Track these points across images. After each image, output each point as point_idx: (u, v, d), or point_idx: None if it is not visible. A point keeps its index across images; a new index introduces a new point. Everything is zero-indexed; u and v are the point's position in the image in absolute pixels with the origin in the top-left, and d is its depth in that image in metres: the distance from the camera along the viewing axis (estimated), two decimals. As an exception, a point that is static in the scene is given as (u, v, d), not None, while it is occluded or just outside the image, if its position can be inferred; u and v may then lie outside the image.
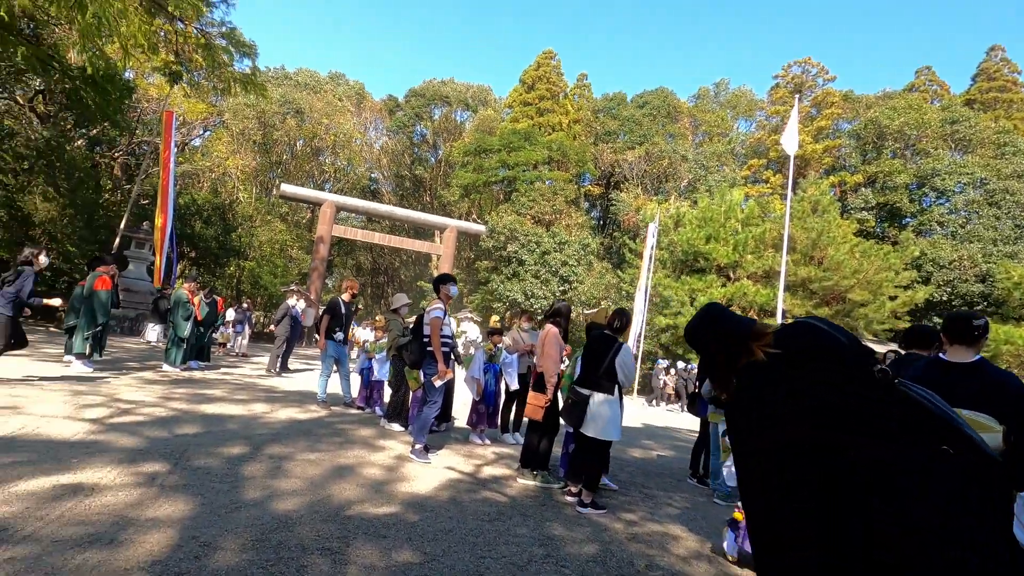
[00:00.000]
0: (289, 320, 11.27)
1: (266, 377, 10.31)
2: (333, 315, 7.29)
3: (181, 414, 5.71)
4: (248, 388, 8.42)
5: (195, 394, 7.09)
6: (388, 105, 40.22)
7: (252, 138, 29.55)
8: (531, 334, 6.93)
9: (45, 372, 7.29)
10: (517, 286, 26.19)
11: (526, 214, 28.54)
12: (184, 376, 8.86)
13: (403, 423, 6.49)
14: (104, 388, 6.61)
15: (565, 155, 30.69)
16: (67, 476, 3.34)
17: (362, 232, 29.57)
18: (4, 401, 5.15)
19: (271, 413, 6.47)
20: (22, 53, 12.77)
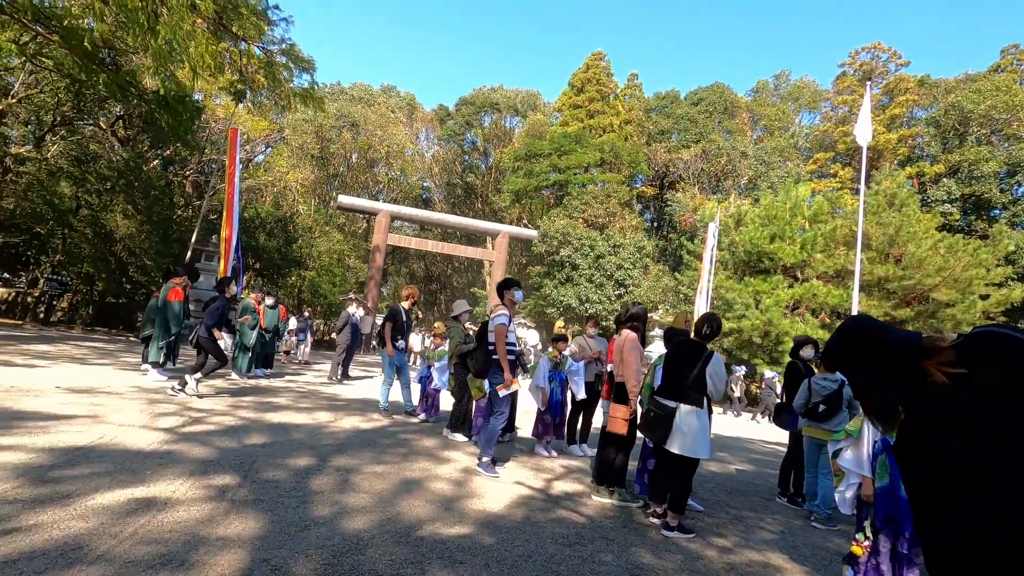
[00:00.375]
0: (350, 328, 11.37)
1: (328, 385, 10.41)
2: (395, 323, 7.20)
3: (249, 423, 5.72)
4: (311, 396, 8.48)
5: (261, 402, 7.16)
6: (439, 114, 40.80)
7: (310, 152, 30.59)
8: (598, 340, 6.60)
9: (125, 380, 7.56)
10: (571, 291, 25.78)
11: (578, 217, 28.11)
12: (251, 384, 9.04)
13: (467, 433, 6.29)
14: (178, 397, 6.76)
15: (617, 156, 30.07)
16: (141, 489, 3.29)
17: (416, 240, 29.99)
18: (86, 410, 5.30)
19: (335, 422, 6.42)
20: (103, 80, 13.63)
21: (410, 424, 6.91)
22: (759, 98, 40.18)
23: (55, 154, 20.72)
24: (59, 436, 4.23)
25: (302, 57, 13.59)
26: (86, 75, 15.33)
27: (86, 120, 21.34)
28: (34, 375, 7.04)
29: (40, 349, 10.28)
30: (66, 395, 5.93)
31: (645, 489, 4.63)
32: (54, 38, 13.63)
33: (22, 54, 16.05)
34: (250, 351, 9.55)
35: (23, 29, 16.07)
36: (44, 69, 17.27)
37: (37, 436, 4.16)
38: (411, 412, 7.50)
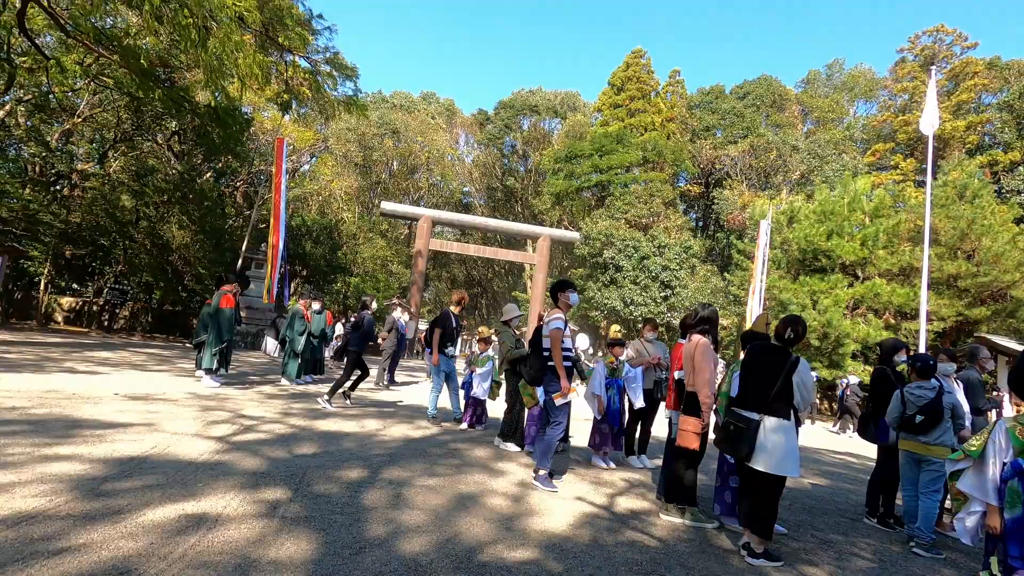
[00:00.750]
0: (396, 333, 11.31)
1: (375, 390, 10.35)
2: (444, 329, 7.00)
3: (299, 431, 5.62)
4: (359, 403, 8.39)
5: (311, 410, 7.09)
6: (478, 119, 40.92)
7: (354, 160, 31.15)
8: (656, 345, 6.21)
9: (180, 387, 7.65)
10: (615, 293, 25.21)
11: (621, 218, 27.51)
12: (300, 390, 9.05)
13: (519, 443, 6.01)
14: (229, 403, 6.76)
15: (660, 155, 29.31)
16: (191, 504, 3.16)
17: (457, 245, 30.04)
18: (142, 418, 5.30)
19: (384, 430, 6.26)
20: (159, 95, 14.16)
21: (459, 432, 6.69)
22: (810, 89, 38.46)
23: (116, 169, 21.75)
24: (115, 445, 4.19)
25: (345, 65, 13.73)
26: (143, 92, 15.97)
27: (144, 136, 22.31)
28: (95, 382, 7.20)
29: (102, 356, 10.63)
30: (123, 402, 5.99)
31: (726, 509, 4.23)
32: (114, 58, 14.21)
33: (86, 74, 16.87)
34: (299, 357, 9.57)
35: (87, 51, 16.91)
36: (105, 88, 18.11)
37: (94, 445, 4.13)
38: (459, 420, 7.29)
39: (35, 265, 19.89)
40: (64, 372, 7.82)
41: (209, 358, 8.32)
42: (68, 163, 20.81)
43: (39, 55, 14.81)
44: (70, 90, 18.35)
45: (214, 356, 8.34)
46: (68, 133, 21.88)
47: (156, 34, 12.56)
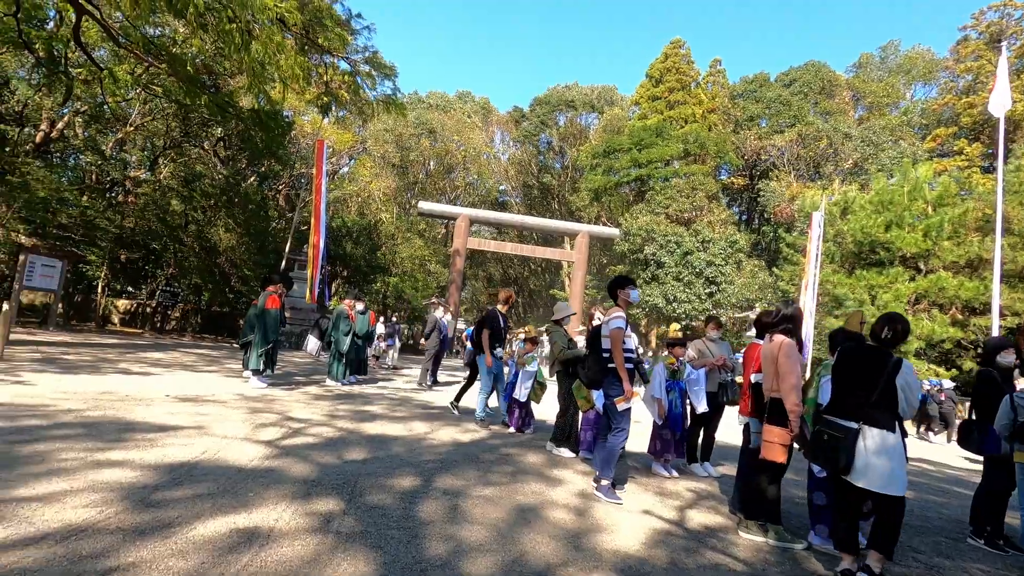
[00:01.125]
0: (438, 333, 11.16)
1: (419, 391, 10.22)
2: (492, 328, 6.76)
3: (347, 435, 5.47)
4: (405, 403, 8.25)
5: (358, 411, 6.97)
6: (514, 116, 40.67)
7: (391, 161, 31.38)
8: (720, 344, 5.81)
9: (229, 388, 7.66)
10: (657, 290, 24.54)
11: (662, 213, 26.77)
12: (345, 390, 8.98)
13: (573, 448, 5.71)
14: (277, 405, 6.70)
15: (703, 147, 28.39)
16: (243, 517, 2.99)
17: (495, 243, 29.88)
18: (192, 420, 5.25)
19: (432, 434, 6.06)
20: (205, 100, 14.41)
21: (509, 436, 6.43)
22: (862, 74, 36.55)
23: (166, 175, 22.49)
24: (165, 450, 4.10)
25: (384, 64, 13.67)
26: (190, 99, 16.32)
27: (192, 143, 23.01)
28: (147, 383, 7.27)
29: (155, 357, 10.86)
30: (174, 404, 5.98)
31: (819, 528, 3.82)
32: (162, 66, 14.56)
33: (137, 84, 17.42)
34: (344, 358, 9.52)
35: (137, 61, 17.44)
36: (155, 97, 18.67)
37: (145, 450, 4.05)
38: (507, 423, 7.03)
39: (93, 269, 20.73)
40: (118, 373, 7.95)
41: (255, 359, 8.33)
42: (122, 170, 21.61)
43: (93, 66, 15.31)
44: (123, 100, 18.99)
45: (260, 357, 8.34)
46: (121, 142, 22.74)
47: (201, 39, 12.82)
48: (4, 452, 3.61)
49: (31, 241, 14.62)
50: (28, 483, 3.10)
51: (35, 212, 14.86)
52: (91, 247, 18.47)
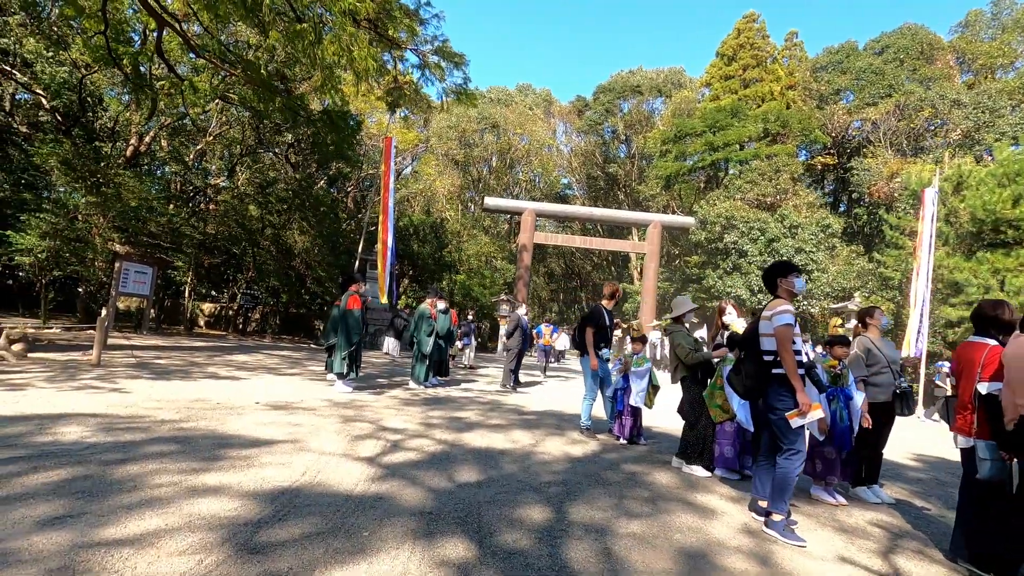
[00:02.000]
0: (521, 332, 10.54)
1: (504, 393, 9.63)
2: (598, 326, 6.01)
3: (449, 448, 4.90)
4: (497, 409, 7.65)
5: (451, 418, 6.42)
6: (576, 106, 39.58)
7: (454, 158, 31.20)
8: (886, 343, 4.79)
9: (316, 393, 7.33)
10: (739, 281, 22.92)
11: (743, 198, 25.02)
12: (431, 393, 8.52)
13: (706, 466, 4.87)
14: (368, 412, 6.26)
15: (785, 125, 26.30)
16: (364, 568, 2.41)
17: (562, 237, 29.13)
18: (285, 432, 4.84)
19: (538, 446, 5.40)
20: (278, 103, 14.54)
21: (623, 449, 5.67)
22: (968, 34, 32.73)
23: (243, 182, 23.23)
24: (263, 471, 3.64)
25: (453, 53, 13.19)
26: (263, 104, 16.60)
27: (264, 149, 23.65)
28: (236, 389, 7.05)
29: (240, 360, 10.87)
30: (265, 412, 5.64)
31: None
32: (237, 72, 14.78)
33: (214, 94, 17.91)
34: (428, 359, 9.07)
35: (214, 71, 17.91)
36: (231, 104, 19.17)
37: (242, 471, 3.60)
38: (614, 433, 6.27)
39: (180, 274, 21.64)
40: (208, 378, 7.82)
41: (340, 362, 7.99)
42: (203, 179, 22.49)
43: (175, 78, 15.77)
44: (202, 111, 19.65)
45: (344, 360, 7.99)
46: (202, 152, 23.69)
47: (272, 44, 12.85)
48: (98, 476, 3.23)
49: (125, 249, 15.24)
50: (119, 519, 2.66)
51: (128, 221, 15.49)
52: (178, 253, 19.23)
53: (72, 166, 14.37)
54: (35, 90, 18.10)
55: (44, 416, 4.53)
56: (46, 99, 17.81)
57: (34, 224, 13.54)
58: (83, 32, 15.08)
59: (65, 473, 3.21)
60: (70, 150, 14.21)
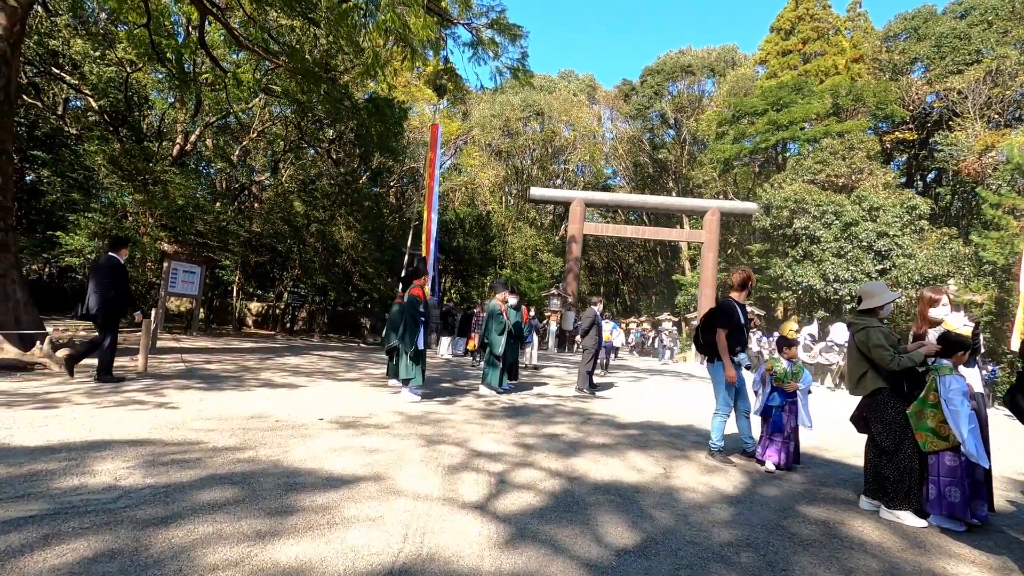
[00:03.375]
0: (596, 330, 9.39)
1: (583, 399, 8.51)
2: (731, 324, 4.83)
3: (568, 483, 3.83)
4: (588, 420, 6.54)
5: (546, 436, 5.35)
6: (623, 90, 37.88)
7: (498, 149, 30.18)
8: None
9: (383, 404, 6.39)
10: (811, 269, 21.09)
11: (813, 180, 23.09)
12: (506, 401, 7.48)
13: (917, 510, 3.63)
14: (449, 430, 5.25)
15: (858, 99, 24.15)
16: None
17: (613, 227, 27.74)
18: (363, 463, 3.86)
19: (672, 477, 4.27)
20: (323, 91, 13.79)
21: (778, 480, 4.48)
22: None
23: (287, 179, 22.81)
24: (351, 535, 2.64)
25: (510, 25, 12.08)
26: (307, 95, 15.98)
27: (307, 143, 23.17)
28: (295, 400, 6.17)
29: (293, 363, 10.12)
30: (333, 433, 4.69)
31: None
32: (281, 60, 14.15)
33: (257, 87, 17.38)
34: (501, 361, 8.05)
35: (258, 61, 17.35)
36: (274, 97, 18.63)
37: (323, 536, 2.61)
38: (750, 453, 5.09)
39: (227, 273, 21.38)
40: (262, 386, 7.00)
41: (405, 367, 7.03)
42: (248, 175, 22.14)
43: (218, 70, 15.25)
44: (245, 104, 19.19)
45: (410, 364, 7.03)
46: (246, 151, 23.41)
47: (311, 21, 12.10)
48: (129, 550, 2.29)
49: (173, 248, 14.82)
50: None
51: (175, 219, 15.08)
52: (225, 252, 18.86)
53: (119, 164, 13.99)
54: (83, 90, 17.98)
55: (75, 446, 3.68)
56: (94, 99, 17.66)
57: (83, 224, 13.19)
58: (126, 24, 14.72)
59: (84, 547, 2.28)
60: (117, 148, 13.82)
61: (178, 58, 14.75)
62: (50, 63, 17.92)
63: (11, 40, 7.83)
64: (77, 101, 21.28)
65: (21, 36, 8.30)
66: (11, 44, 7.89)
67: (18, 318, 7.85)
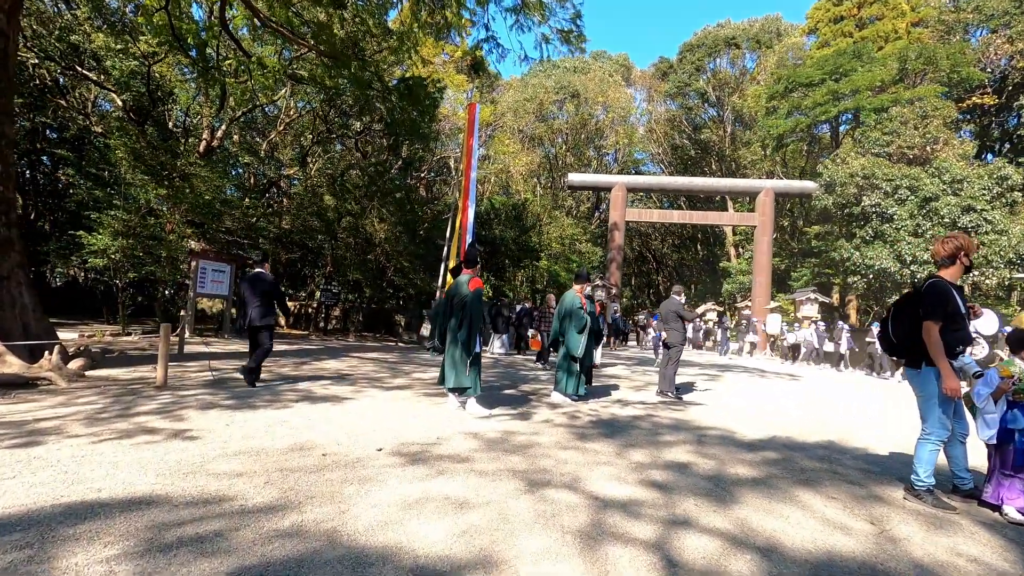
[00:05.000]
0: (682, 325, 8.00)
1: (673, 406, 7.15)
2: (947, 317, 3.45)
3: (762, 558, 2.53)
4: (703, 438, 5.18)
5: (671, 466, 4.04)
6: (660, 68, 35.94)
7: (531, 134, 28.80)
8: None
9: (445, 421, 5.16)
10: (883, 250, 19.17)
11: (882, 153, 21.08)
12: (587, 411, 6.18)
13: None
14: (546, 461, 3.98)
15: (930, 62, 21.95)
16: None
17: (659, 212, 26.14)
18: (455, 526, 2.63)
19: (889, 534, 2.92)
20: (353, 67, 12.69)
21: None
22: None
23: (315, 172, 21.89)
24: None
25: (560, -16, 10.69)
26: (334, 79, 14.98)
27: (335, 135, 22.19)
28: (342, 419, 4.99)
29: (331, 367, 9.03)
30: (400, 472, 3.47)
31: None
32: (307, 40, 13.20)
33: (283, 72, 16.40)
34: (579, 364, 6.76)
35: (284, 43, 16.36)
36: (301, 84, 17.65)
37: None
38: (967, 492, 3.69)
39: (258, 272, 20.58)
40: (302, 399, 5.86)
41: (466, 374, 5.76)
42: (276, 169, 21.29)
43: (242, 54, 14.29)
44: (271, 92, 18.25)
45: (471, 372, 5.77)
46: (273, 146, 22.57)
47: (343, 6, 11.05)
48: None
49: (200, 245, 13.95)
50: None
51: (202, 215, 14.20)
52: (255, 249, 18.02)
53: (142, 158, 13.13)
54: (106, 86, 17.30)
55: (40, 516, 2.52)
56: (117, 94, 16.96)
57: (106, 222, 12.36)
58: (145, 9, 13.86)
59: None
60: (138, 140, 12.96)
61: (199, 43, 13.80)
62: (73, 60, 17.28)
63: (6, 7, 6.84)
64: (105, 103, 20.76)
65: (18, 5, 7.32)
66: (7, 12, 6.90)
67: (26, 325, 6.90)
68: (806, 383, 11.51)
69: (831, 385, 11.61)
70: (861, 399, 9.35)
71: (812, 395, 9.42)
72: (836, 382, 12.51)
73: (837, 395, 9.74)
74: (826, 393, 9.92)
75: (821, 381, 12.35)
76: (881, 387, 12.02)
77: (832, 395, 9.68)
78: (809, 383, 11.57)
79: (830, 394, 9.80)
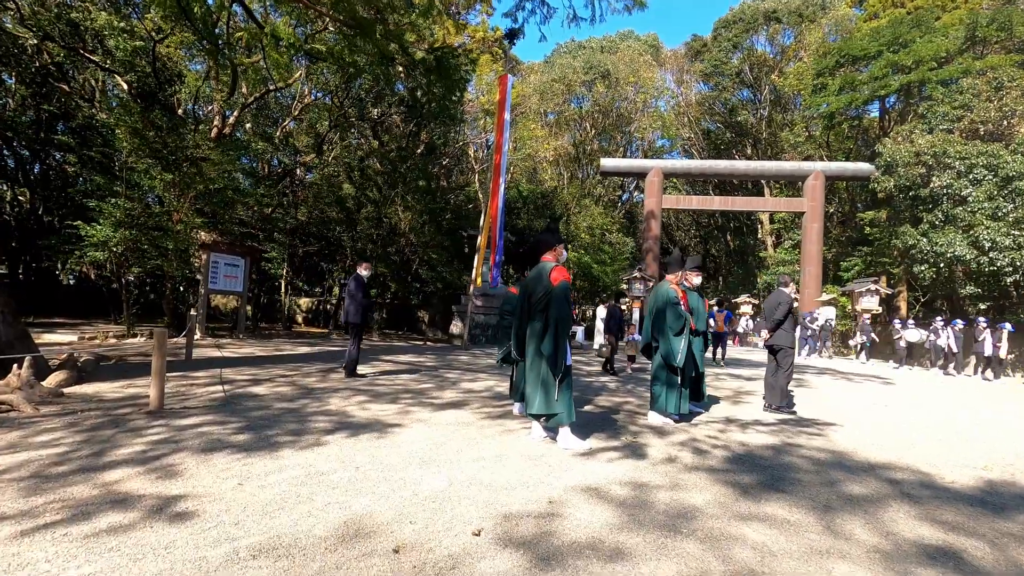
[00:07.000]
0: (792, 323, 6.47)
1: (802, 426, 5.62)
2: None
3: None
4: (896, 480, 3.65)
5: (929, 552, 2.53)
6: (693, 47, 34.03)
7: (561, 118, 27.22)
8: None
9: (539, 467, 3.68)
10: (956, 236, 17.36)
11: (952, 129, 19.21)
12: (706, 440, 4.68)
13: None
14: (735, 549, 2.50)
15: (1004, 27, 19.97)
16: None
17: (698, 199, 24.39)
18: None
19: None
20: (378, 31, 11.31)
21: None
22: None
23: (332, 159, 20.57)
24: None
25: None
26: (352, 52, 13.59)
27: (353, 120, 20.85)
28: (401, 464, 3.54)
29: (364, 375, 7.63)
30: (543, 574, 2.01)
31: None
32: (325, 8, 11.76)
33: (299, 45, 15.04)
34: (679, 376, 5.27)
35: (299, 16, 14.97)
36: (317, 63, 16.28)
37: None
38: None
39: (274, 267, 19.35)
40: (338, 428, 4.43)
41: (557, 399, 4.28)
42: (292, 156, 19.98)
43: (254, 26, 12.90)
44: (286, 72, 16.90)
45: (563, 395, 4.30)
46: (288, 133, 21.29)
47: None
48: None
49: (211, 237, 12.65)
50: None
51: (213, 204, 12.90)
52: (270, 242, 16.73)
53: (146, 139, 11.83)
54: (109, 67, 16.07)
55: None
56: (121, 75, 15.71)
57: (107, 211, 11.07)
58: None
59: None
60: (139, 119, 11.64)
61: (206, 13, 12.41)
62: (74, 40, 16.04)
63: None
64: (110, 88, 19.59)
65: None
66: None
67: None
68: (916, 388, 9.86)
69: (951, 391, 9.95)
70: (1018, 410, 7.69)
71: (946, 405, 7.80)
72: (948, 386, 10.82)
73: (979, 404, 8.07)
74: (961, 402, 8.27)
75: (925, 386, 10.68)
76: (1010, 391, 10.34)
77: (974, 404, 8.02)
78: (914, 388, 9.92)
79: (969, 403, 8.15)
